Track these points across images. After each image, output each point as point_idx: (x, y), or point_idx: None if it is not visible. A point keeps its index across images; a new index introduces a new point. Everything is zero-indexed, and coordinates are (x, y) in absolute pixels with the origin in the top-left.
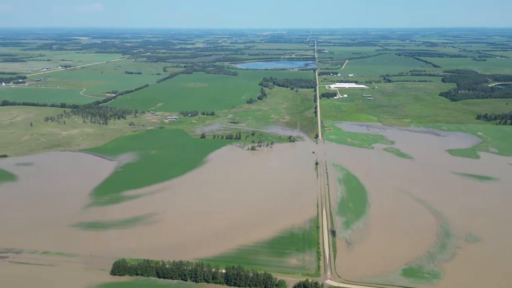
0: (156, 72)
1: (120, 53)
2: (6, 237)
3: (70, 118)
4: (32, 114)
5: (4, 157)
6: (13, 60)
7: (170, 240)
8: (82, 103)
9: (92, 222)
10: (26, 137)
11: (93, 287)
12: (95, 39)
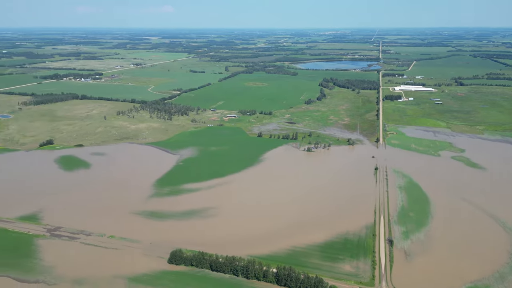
0: (219, 71)
1: (186, 52)
2: (79, 220)
3: (139, 113)
4: (106, 108)
5: (80, 147)
6: (92, 58)
7: (224, 234)
8: (150, 99)
9: (153, 211)
10: (100, 129)
11: (152, 273)
12: (164, 39)
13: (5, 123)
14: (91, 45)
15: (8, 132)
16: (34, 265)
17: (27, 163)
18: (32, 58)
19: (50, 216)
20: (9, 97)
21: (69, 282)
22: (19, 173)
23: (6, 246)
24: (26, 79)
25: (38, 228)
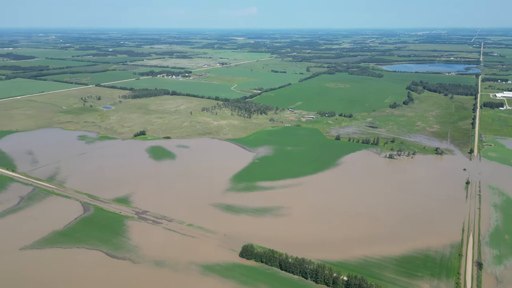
0: (300, 71)
1: (269, 53)
2: (163, 206)
3: (221, 110)
4: (192, 104)
5: (168, 139)
6: (183, 57)
7: (295, 235)
8: (232, 97)
9: (229, 205)
10: (186, 124)
11: (224, 264)
12: (249, 39)
13: (107, 113)
14: (183, 44)
15: (109, 122)
16: (123, 243)
17: (123, 150)
18: (133, 56)
19: (139, 200)
20: (112, 90)
21: (151, 262)
22: (116, 159)
23: (101, 224)
24: (126, 75)
25: (128, 210)
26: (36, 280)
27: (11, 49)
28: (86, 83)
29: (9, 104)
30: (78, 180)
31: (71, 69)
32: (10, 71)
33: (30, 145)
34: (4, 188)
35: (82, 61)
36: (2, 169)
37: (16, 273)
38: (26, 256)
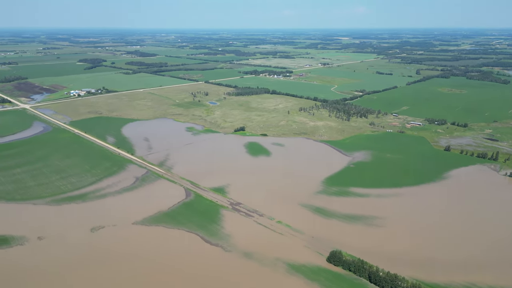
0: (408, 74)
1: (375, 53)
2: (255, 200)
3: (319, 110)
4: (290, 103)
5: (265, 136)
6: (286, 57)
7: (389, 248)
8: (331, 98)
9: (319, 207)
10: (283, 122)
11: (310, 266)
12: (354, 39)
13: (213, 108)
14: (287, 45)
15: (214, 117)
16: (217, 231)
17: (223, 144)
18: (239, 55)
19: (234, 191)
20: (218, 87)
21: (240, 253)
22: (216, 151)
23: (199, 210)
24: (232, 73)
25: (224, 200)
26: (140, 252)
27: (138, 47)
28: (197, 80)
29: (133, 96)
30: (183, 167)
31: (185, 66)
32: (136, 66)
33: (147, 133)
34: (124, 169)
35: (195, 59)
36: (124, 152)
37: (127, 244)
38: (136, 230)
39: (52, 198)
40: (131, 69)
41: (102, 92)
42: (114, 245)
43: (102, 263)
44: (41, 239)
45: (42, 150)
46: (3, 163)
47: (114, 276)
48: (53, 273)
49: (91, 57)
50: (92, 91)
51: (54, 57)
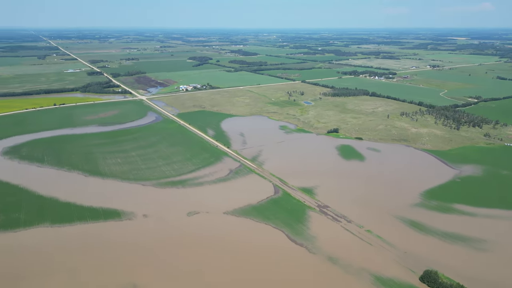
0: None
1: (497, 56)
2: (344, 205)
3: (423, 116)
4: (391, 107)
5: (359, 140)
6: (390, 58)
7: (494, 276)
8: (439, 104)
9: (414, 221)
10: (381, 127)
11: (399, 282)
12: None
13: (307, 108)
14: (392, 45)
15: (307, 117)
16: (302, 231)
17: (315, 144)
18: (339, 55)
19: (322, 193)
20: (314, 87)
21: (324, 256)
22: (308, 151)
23: (286, 208)
24: (330, 73)
25: (311, 201)
26: (228, 241)
27: (241, 47)
28: (294, 79)
29: (233, 93)
30: (274, 164)
31: (283, 65)
32: (238, 64)
33: (243, 128)
34: (220, 160)
35: (294, 59)
36: (221, 145)
37: (217, 232)
38: (226, 219)
39: (157, 181)
40: (233, 67)
41: (206, 88)
42: (206, 231)
43: (194, 245)
44: (145, 216)
45: (153, 138)
46: (122, 146)
47: (203, 259)
48: (153, 248)
49: (199, 55)
50: (198, 86)
51: (168, 55)
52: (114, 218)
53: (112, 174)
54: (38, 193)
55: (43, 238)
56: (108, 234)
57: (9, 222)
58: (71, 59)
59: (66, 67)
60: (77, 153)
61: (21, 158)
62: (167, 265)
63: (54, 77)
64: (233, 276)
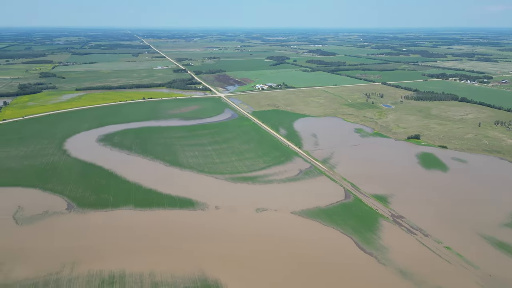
0: None
1: None
2: (421, 217)
3: None
4: (483, 114)
5: (444, 148)
6: (486, 60)
7: None
8: None
9: (504, 242)
10: (470, 136)
11: None
12: None
13: (386, 112)
14: (489, 46)
15: (386, 120)
16: (373, 240)
17: (393, 150)
18: (426, 56)
19: (397, 203)
20: (395, 90)
21: (395, 269)
22: (384, 157)
23: (357, 214)
24: (414, 76)
25: (384, 210)
26: (294, 241)
27: (320, 46)
28: (373, 80)
29: (308, 93)
30: (346, 168)
31: (363, 66)
32: (315, 64)
33: (316, 129)
34: (290, 160)
35: (375, 59)
36: (292, 144)
37: (284, 230)
38: (293, 219)
39: (230, 176)
40: (310, 67)
41: (282, 87)
42: (272, 228)
43: (261, 241)
44: (217, 208)
45: (228, 134)
46: (200, 140)
47: (268, 256)
48: (222, 239)
49: (277, 55)
50: (274, 85)
51: (247, 54)
52: (189, 207)
53: (189, 166)
54: (125, 178)
55: (126, 219)
56: (182, 221)
57: (100, 202)
58: (160, 57)
59: (155, 64)
60: (160, 144)
61: (113, 145)
62: (234, 257)
63: (145, 73)
64: (297, 278)
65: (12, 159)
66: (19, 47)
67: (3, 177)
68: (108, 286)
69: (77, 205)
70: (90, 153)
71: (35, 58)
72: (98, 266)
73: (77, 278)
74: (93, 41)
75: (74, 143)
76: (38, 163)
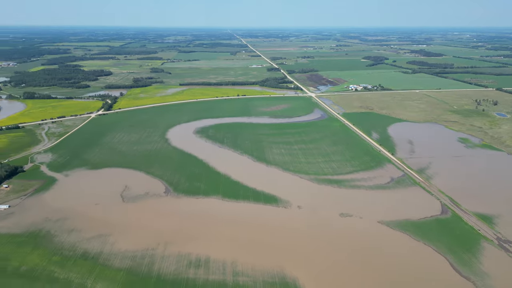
0: None
1: None
2: None
3: None
4: None
5: None
6: None
7: None
8: None
9: None
10: None
11: None
12: None
13: (499, 121)
14: None
15: (498, 131)
16: (471, 263)
17: (505, 165)
18: None
19: (504, 225)
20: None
21: None
22: (490, 172)
23: (454, 232)
24: None
25: (488, 231)
26: (381, 251)
27: (424, 46)
28: (486, 86)
29: (407, 96)
30: (445, 180)
31: (474, 69)
32: (417, 66)
33: (412, 136)
34: (381, 166)
35: (490, 62)
36: (384, 150)
37: (370, 239)
38: (381, 229)
39: (315, 177)
40: (410, 69)
41: (377, 89)
42: (356, 236)
43: (343, 248)
44: (300, 208)
45: (316, 134)
46: (288, 139)
47: (350, 265)
48: (303, 239)
49: (375, 55)
50: (368, 87)
51: (343, 54)
52: (272, 203)
53: (275, 163)
54: (216, 169)
55: (214, 207)
56: (266, 216)
57: (192, 189)
58: (256, 56)
59: (250, 63)
60: (249, 140)
61: (207, 138)
62: (314, 259)
63: (240, 71)
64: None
65: (124, 143)
66: (135, 45)
67: (116, 159)
68: (194, 268)
69: (173, 190)
70: (187, 143)
71: (148, 55)
72: (187, 249)
73: (169, 256)
74: (197, 40)
75: (174, 133)
76: (143, 149)
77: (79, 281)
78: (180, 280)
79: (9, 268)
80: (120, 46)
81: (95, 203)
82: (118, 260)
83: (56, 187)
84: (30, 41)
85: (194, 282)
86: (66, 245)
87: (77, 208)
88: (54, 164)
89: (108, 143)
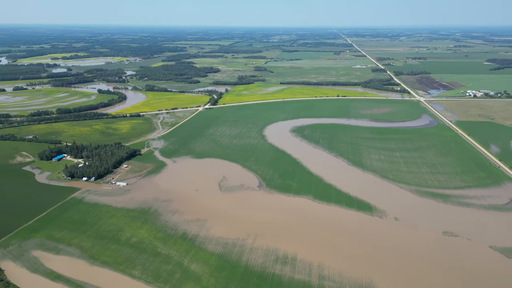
0: None
1: None
2: None
3: None
4: None
5: None
6: None
7: None
8: None
9: None
10: None
11: None
12: None
13: None
14: None
15: None
16: None
17: None
18: None
19: None
20: None
21: None
22: None
23: None
24: None
25: None
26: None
27: None
28: None
29: None
30: None
31: None
32: None
33: None
34: (499, 184)
35: None
36: (505, 166)
37: (480, 270)
38: (490, 255)
39: (416, 188)
40: None
41: (502, 96)
42: (463, 259)
43: (446, 270)
44: (396, 220)
45: (421, 142)
46: (389, 144)
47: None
48: (399, 256)
49: (502, 57)
50: (491, 93)
51: (462, 55)
52: (366, 211)
53: (372, 169)
54: (309, 169)
55: (304, 207)
56: (358, 224)
57: (284, 186)
58: (361, 56)
59: (354, 63)
60: (346, 142)
61: (303, 137)
62: (408, 278)
63: (342, 72)
64: None
65: (225, 137)
66: (242, 44)
67: (217, 150)
68: (281, 264)
69: (266, 185)
70: (282, 141)
71: (253, 54)
72: (275, 244)
73: (257, 249)
74: (301, 39)
75: (271, 130)
76: (242, 143)
77: (178, 259)
78: (266, 274)
79: (122, 238)
80: (229, 45)
81: (196, 189)
82: (212, 245)
83: (165, 171)
84: (154, 39)
85: (280, 279)
86: (169, 224)
87: (181, 191)
88: (165, 150)
89: (212, 135)
